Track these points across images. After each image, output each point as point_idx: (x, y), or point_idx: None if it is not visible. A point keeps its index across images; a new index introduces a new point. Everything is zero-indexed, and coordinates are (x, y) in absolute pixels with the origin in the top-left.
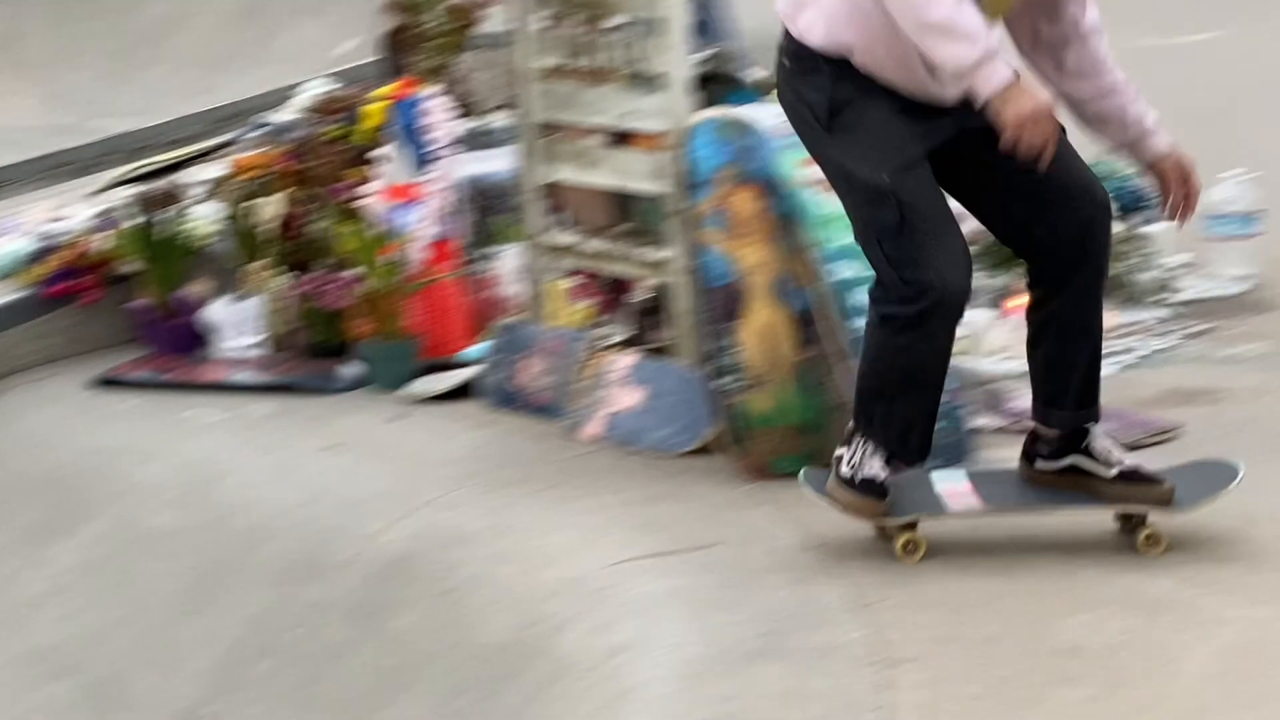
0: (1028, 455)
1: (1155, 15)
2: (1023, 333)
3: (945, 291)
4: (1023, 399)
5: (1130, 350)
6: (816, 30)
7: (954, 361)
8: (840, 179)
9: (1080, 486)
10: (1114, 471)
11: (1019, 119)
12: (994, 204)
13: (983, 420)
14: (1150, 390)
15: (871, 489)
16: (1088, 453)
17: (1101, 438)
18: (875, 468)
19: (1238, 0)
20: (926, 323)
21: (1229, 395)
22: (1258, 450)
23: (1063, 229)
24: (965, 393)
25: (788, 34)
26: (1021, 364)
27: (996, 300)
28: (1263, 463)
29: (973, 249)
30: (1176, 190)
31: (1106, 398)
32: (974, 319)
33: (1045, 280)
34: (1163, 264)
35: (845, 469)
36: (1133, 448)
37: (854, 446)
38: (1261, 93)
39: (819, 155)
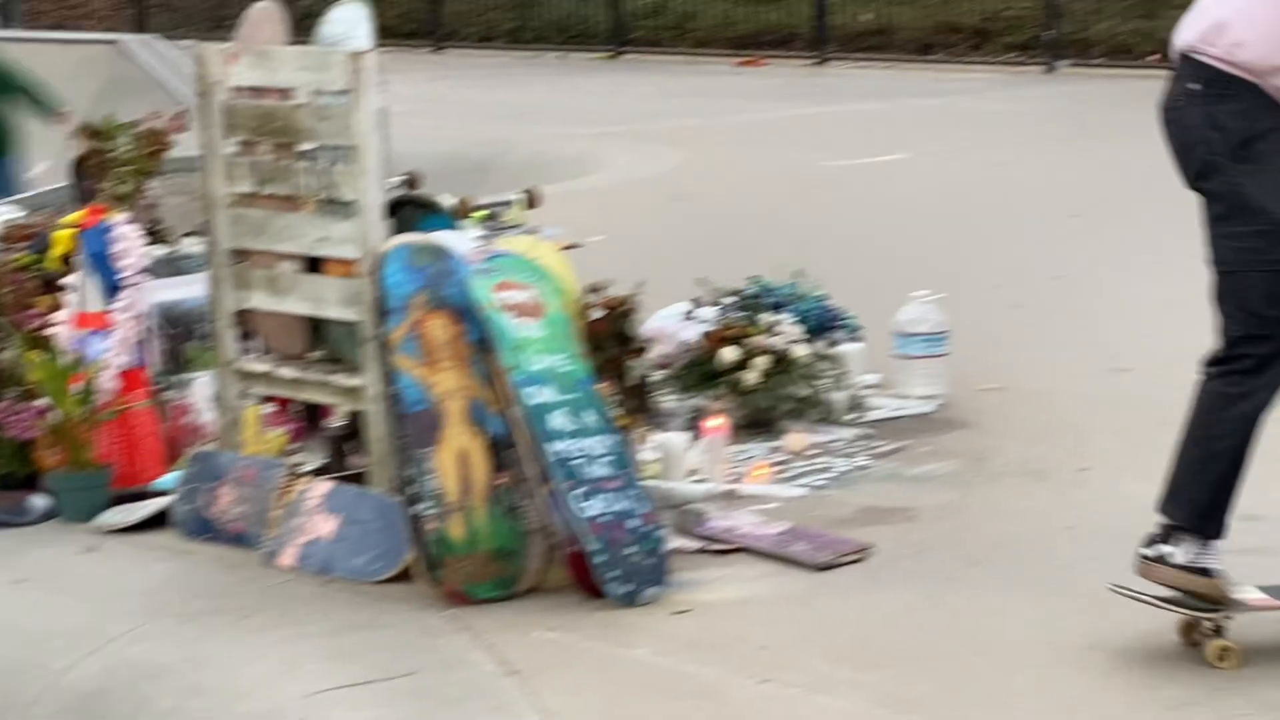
0: None
1: (843, 138)
2: (718, 453)
3: None
4: (721, 519)
5: (822, 470)
6: (1249, 52)
7: (651, 483)
8: (1237, 209)
9: None
10: None
11: None
12: None
13: (680, 542)
14: (842, 510)
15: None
16: None
17: None
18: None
19: (919, 123)
20: (1270, 364)
21: (920, 514)
22: (949, 569)
23: None
24: (662, 514)
25: (1193, 60)
26: (716, 485)
27: (691, 422)
28: (955, 580)
29: (664, 372)
30: None
31: (796, 518)
32: (669, 441)
33: None
34: (854, 384)
35: (1181, 556)
36: (825, 568)
37: (1187, 535)
38: (944, 212)
39: (1217, 182)
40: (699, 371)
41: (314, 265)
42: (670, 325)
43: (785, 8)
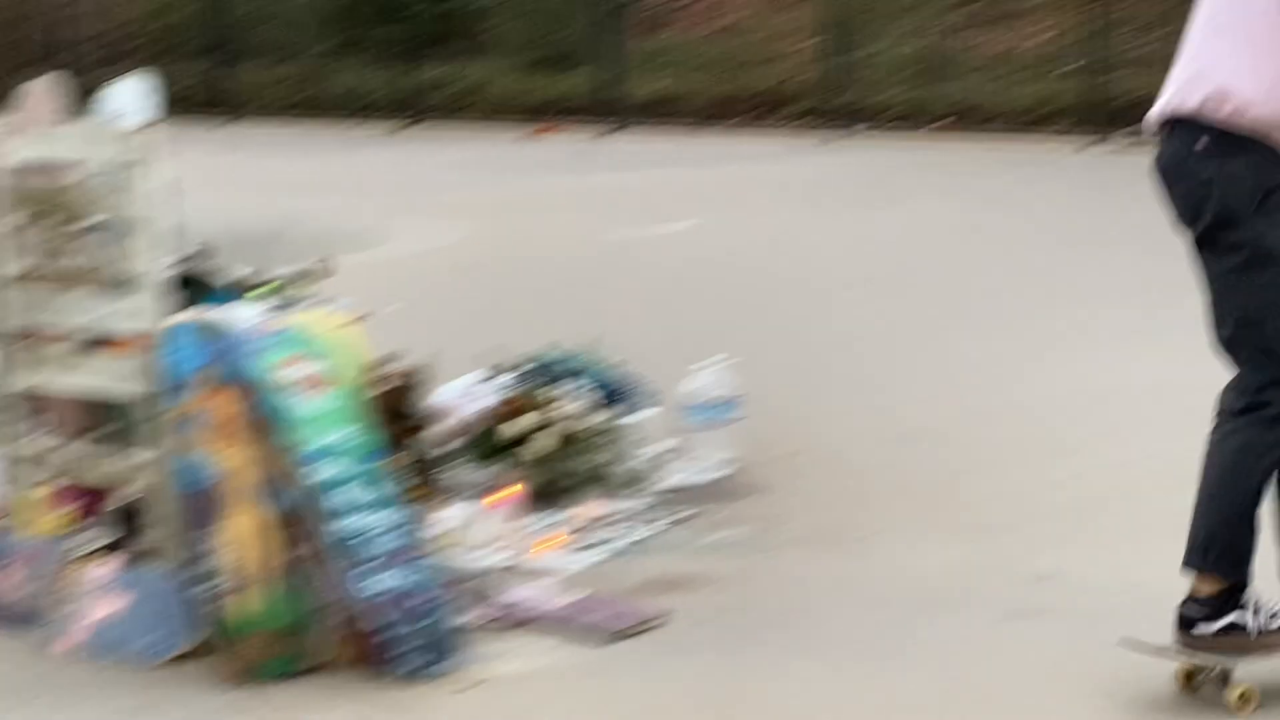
0: None
1: (634, 206)
2: (509, 525)
3: None
4: (513, 591)
5: (615, 539)
6: (1258, 110)
7: (441, 557)
8: (1260, 258)
9: None
10: None
11: None
12: None
13: (471, 615)
14: (637, 578)
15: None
16: None
17: None
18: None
19: (710, 190)
20: None
21: (713, 580)
22: (743, 635)
23: None
24: (451, 588)
25: (1197, 122)
26: (506, 557)
27: (483, 493)
28: (749, 646)
29: (456, 444)
30: None
31: (589, 588)
32: (460, 513)
33: None
34: (647, 452)
35: (1261, 620)
36: (618, 638)
37: (1245, 597)
38: (736, 279)
39: (1237, 239)
40: (491, 442)
41: (98, 342)
42: (463, 396)
43: (576, 76)
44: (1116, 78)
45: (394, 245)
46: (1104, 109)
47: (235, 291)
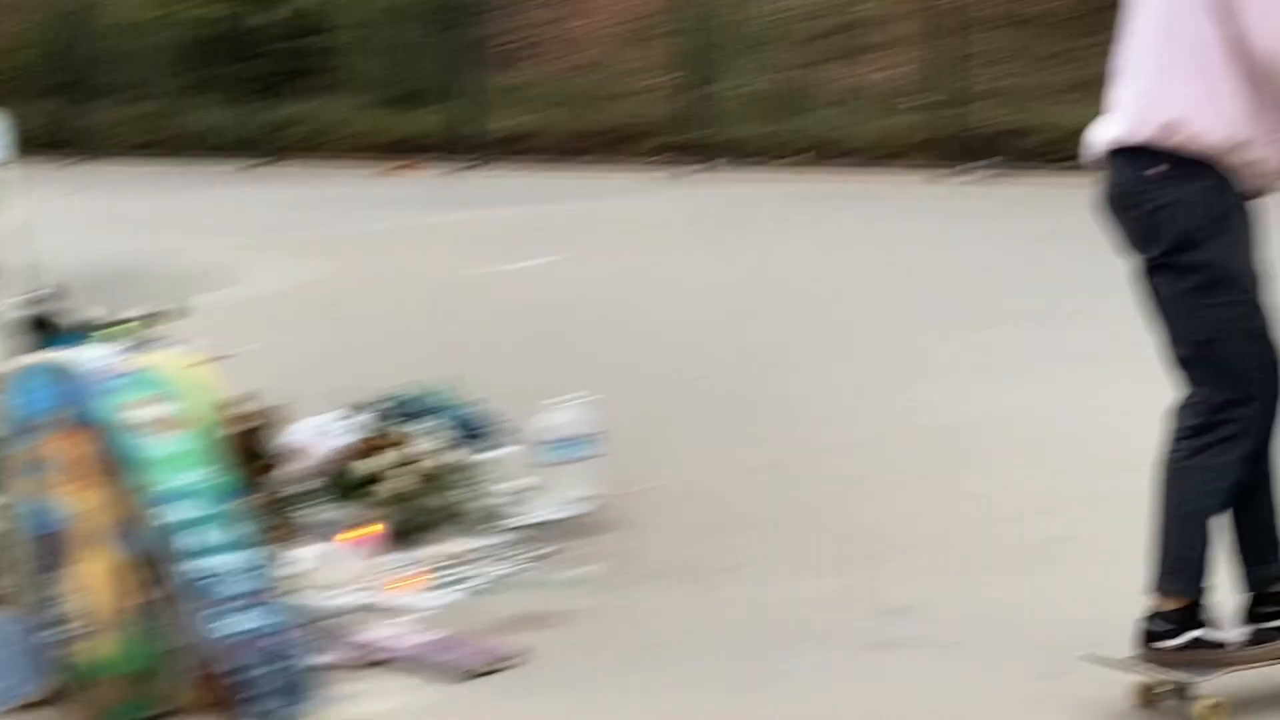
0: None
1: (493, 242)
2: (366, 564)
3: (1272, 399)
4: (370, 631)
5: (474, 577)
6: (1211, 137)
7: (296, 597)
8: (1217, 283)
9: None
10: None
11: None
12: None
13: (326, 656)
14: (495, 616)
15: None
16: None
17: None
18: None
19: (569, 226)
20: (1249, 427)
21: (574, 617)
22: (603, 671)
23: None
24: (307, 629)
25: (1149, 150)
26: (363, 596)
27: (340, 532)
28: (609, 682)
29: (313, 483)
30: None
31: (448, 627)
32: (316, 553)
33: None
34: (504, 489)
35: (1223, 635)
36: (476, 676)
37: (1207, 612)
38: (594, 314)
39: (1194, 261)
40: (348, 481)
41: None
42: (319, 435)
43: (432, 113)
44: (972, 110)
45: (249, 284)
46: (959, 142)
47: (87, 333)
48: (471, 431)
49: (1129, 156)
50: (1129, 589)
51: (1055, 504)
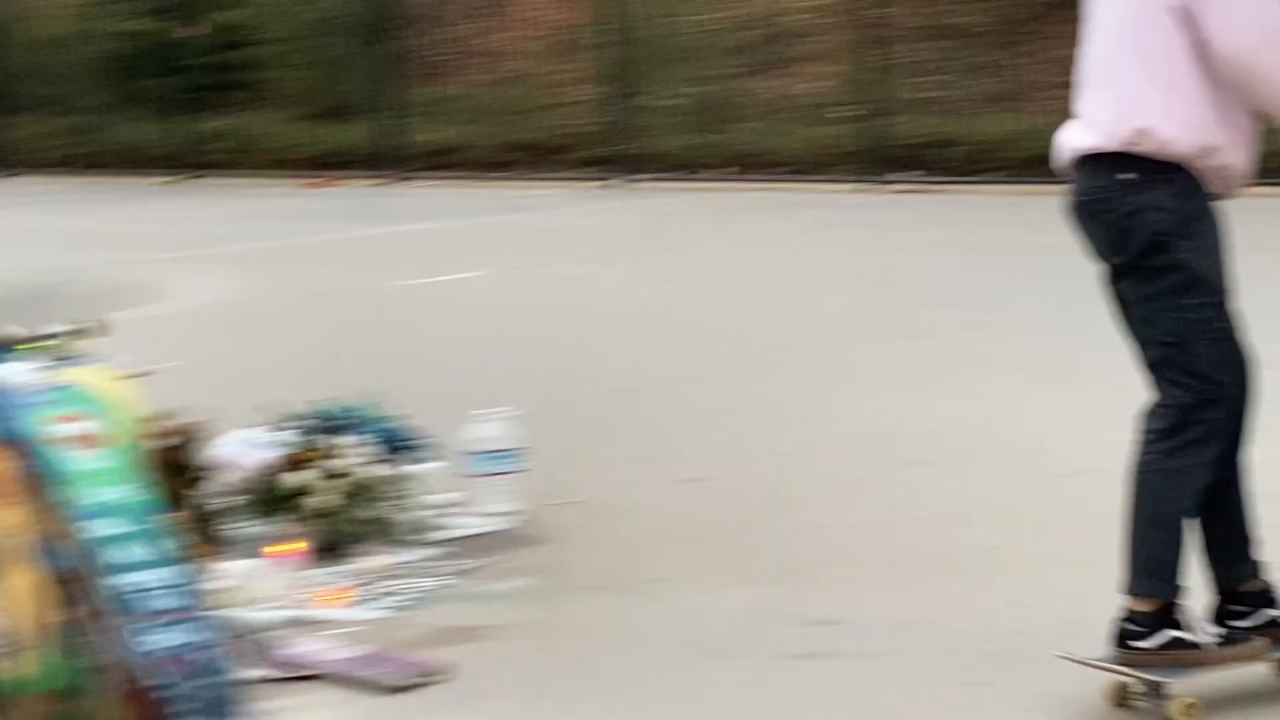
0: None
1: (417, 256)
2: (289, 579)
3: (1241, 400)
4: (297, 646)
5: (400, 592)
6: (1180, 144)
7: (222, 613)
8: (1187, 285)
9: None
10: None
11: None
12: None
13: (253, 671)
14: (421, 631)
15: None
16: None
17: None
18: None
19: (493, 240)
20: (1219, 429)
21: (499, 631)
22: (529, 685)
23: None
24: (233, 644)
25: (1118, 157)
26: (289, 611)
27: (265, 547)
28: (535, 696)
29: (237, 498)
30: None
31: (374, 642)
32: (241, 568)
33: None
34: (430, 503)
35: (1197, 635)
36: (402, 691)
37: (1181, 612)
38: (519, 328)
39: (1165, 264)
40: (273, 496)
41: None
42: (244, 450)
43: (356, 128)
44: (897, 121)
45: (174, 299)
46: (885, 153)
47: (8, 348)
48: (397, 445)
49: (1099, 163)
50: (1055, 597)
51: (982, 513)
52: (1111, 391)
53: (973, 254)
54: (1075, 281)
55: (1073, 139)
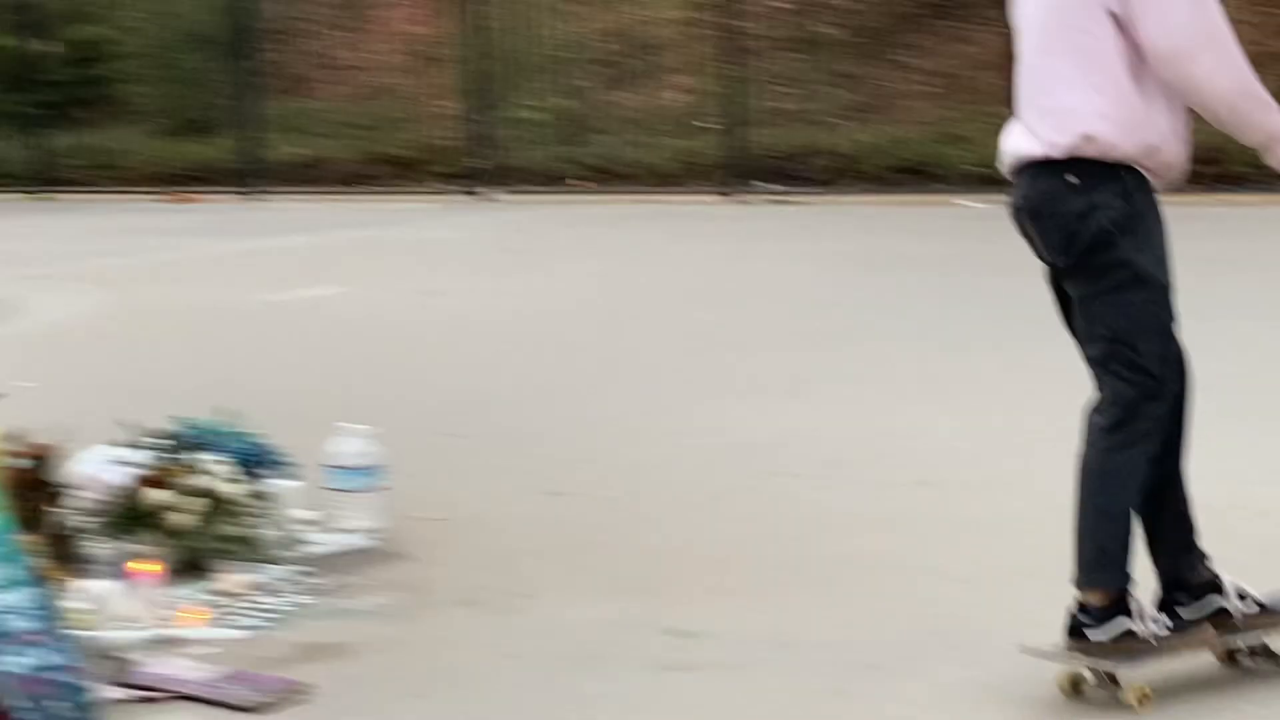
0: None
1: (276, 272)
2: (151, 598)
3: (1182, 395)
4: (156, 666)
5: (259, 610)
6: (1125, 146)
7: (80, 633)
8: (1132, 282)
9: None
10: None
11: None
12: None
13: (112, 692)
14: (281, 649)
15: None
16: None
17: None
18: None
19: (352, 255)
20: (1163, 423)
21: (360, 648)
22: (391, 703)
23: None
24: (92, 665)
25: (1064, 160)
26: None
27: (122, 567)
28: (397, 714)
29: (94, 518)
30: None
31: (234, 661)
32: (99, 588)
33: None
34: (290, 521)
35: (1148, 625)
36: (262, 710)
37: (1132, 603)
38: (379, 343)
39: (1110, 261)
40: (129, 515)
41: None
42: (102, 469)
43: (217, 143)
44: (761, 132)
45: (30, 317)
46: (746, 164)
47: None
48: (256, 463)
49: (1045, 167)
50: (917, 605)
51: (844, 523)
52: (971, 401)
53: (835, 265)
54: (935, 292)
55: (1016, 146)
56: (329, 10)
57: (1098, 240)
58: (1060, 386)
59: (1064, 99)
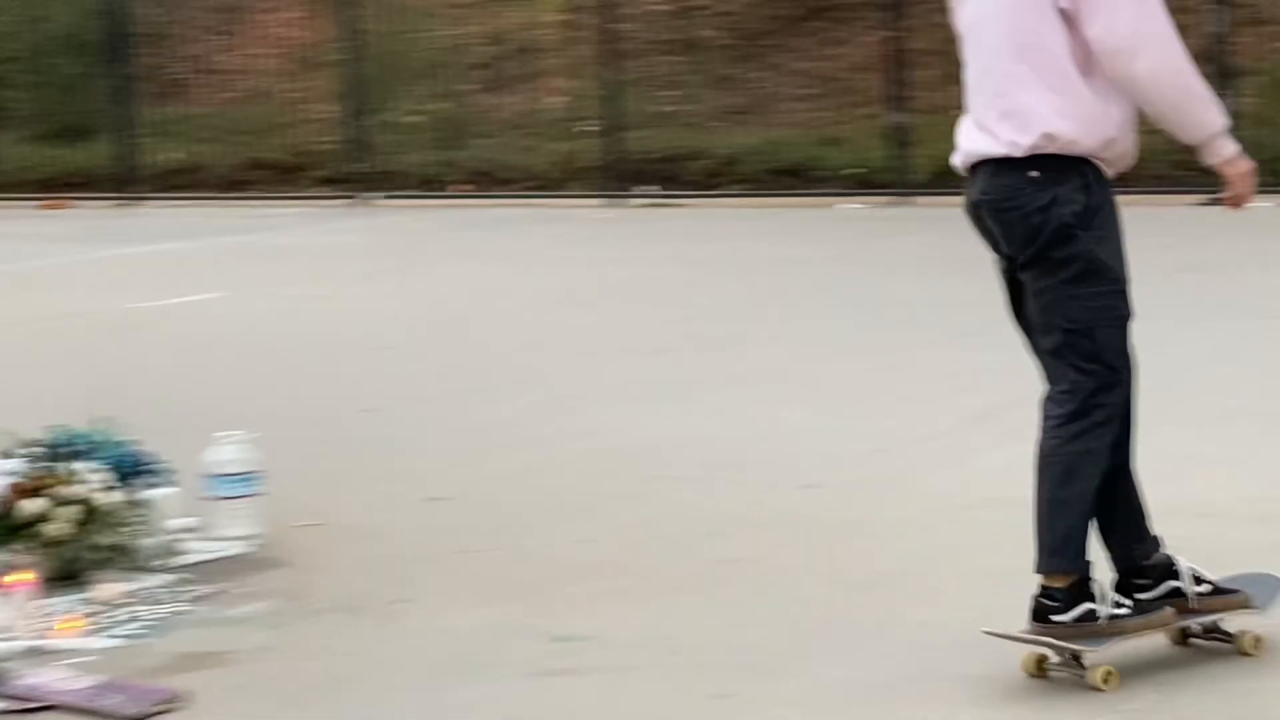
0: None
1: (151, 279)
2: (25, 607)
3: (1129, 384)
4: (30, 677)
5: (136, 619)
6: (1085, 142)
7: None
8: (1091, 273)
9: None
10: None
11: (1242, 176)
12: None
13: None
14: (158, 658)
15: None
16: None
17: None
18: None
19: (230, 260)
20: (1118, 412)
21: (238, 657)
22: (268, 711)
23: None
24: None
25: (1024, 157)
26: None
27: None
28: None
29: None
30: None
31: (111, 671)
32: None
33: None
34: (166, 529)
35: (1109, 607)
36: (145, 718)
37: (1093, 587)
38: (257, 350)
39: (1070, 254)
40: (3, 525)
41: None
42: None
43: (92, 148)
44: (640, 136)
45: None
46: (627, 167)
47: None
48: (131, 471)
49: (1004, 164)
50: (799, 607)
51: (726, 526)
52: (853, 403)
53: (715, 267)
54: (816, 294)
55: (974, 145)
56: (205, 14)
57: (1059, 233)
58: (942, 388)
59: (1022, 100)
